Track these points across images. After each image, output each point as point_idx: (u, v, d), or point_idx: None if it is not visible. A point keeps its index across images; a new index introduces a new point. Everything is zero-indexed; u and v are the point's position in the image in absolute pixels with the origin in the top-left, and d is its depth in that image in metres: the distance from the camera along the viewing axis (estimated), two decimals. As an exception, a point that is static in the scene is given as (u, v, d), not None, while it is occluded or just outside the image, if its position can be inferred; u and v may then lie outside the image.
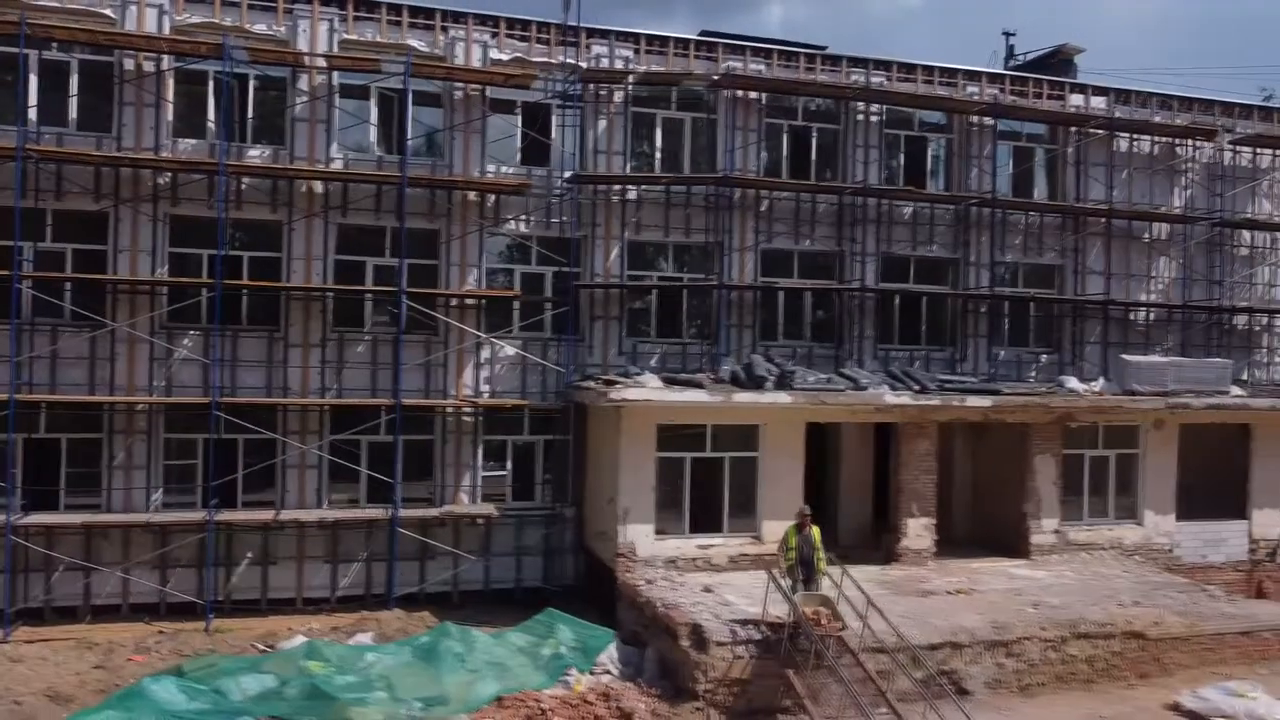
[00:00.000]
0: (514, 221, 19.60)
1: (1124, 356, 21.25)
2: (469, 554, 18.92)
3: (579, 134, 19.85)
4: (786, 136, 21.46)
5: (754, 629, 14.19)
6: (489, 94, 19.47)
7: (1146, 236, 23.52)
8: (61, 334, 17.40)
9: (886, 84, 21.64)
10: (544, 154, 19.87)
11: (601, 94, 19.98)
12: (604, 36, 20.05)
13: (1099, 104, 23.16)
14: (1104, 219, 22.90)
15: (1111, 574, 18.86)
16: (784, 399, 17.64)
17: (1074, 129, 22.86)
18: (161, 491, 18.04)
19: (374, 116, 19.13)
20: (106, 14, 17.55)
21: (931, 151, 22.42)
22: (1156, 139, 23.53)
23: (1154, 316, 23.61)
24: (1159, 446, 20.69)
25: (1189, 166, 23.86)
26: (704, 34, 21.46)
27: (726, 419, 18.13)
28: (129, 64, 17.72)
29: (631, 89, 20.23)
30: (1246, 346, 24.43)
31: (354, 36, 18.70)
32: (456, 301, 19.17)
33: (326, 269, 18.63)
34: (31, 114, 17.13)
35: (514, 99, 19.66)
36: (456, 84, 19.10)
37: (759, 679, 13.73)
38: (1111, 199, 22.93)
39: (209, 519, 17.16)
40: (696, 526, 18.17)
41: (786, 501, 18.26)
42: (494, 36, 19.45)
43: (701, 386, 17.85)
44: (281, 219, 18.41)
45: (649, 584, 16.47)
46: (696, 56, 20.56)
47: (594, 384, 18.22)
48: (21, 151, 16.38)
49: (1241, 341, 24.37)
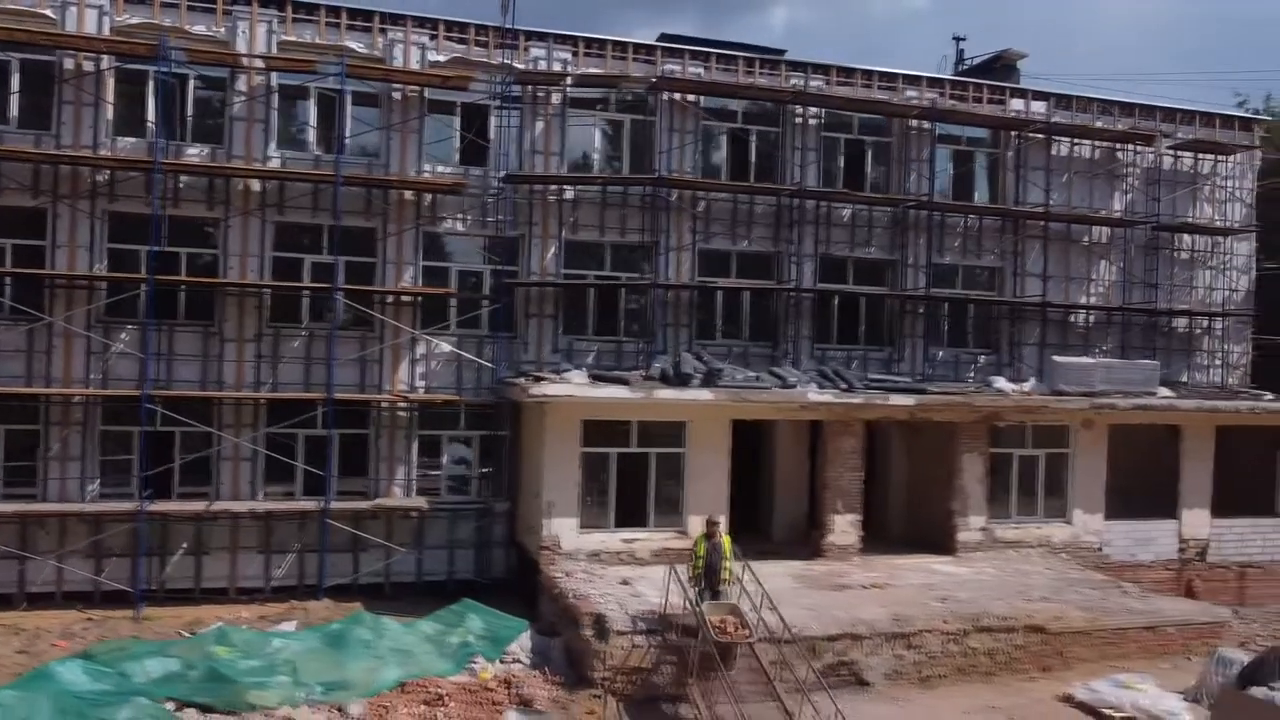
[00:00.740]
0: (451, 220, 19.96)
1: (1054, 358, 21.57)
2: (399, 547, 19.25)
3: (518, 135, 20.21)
4: (726, 139, 21.80)
5: (657, 620, 14.52)
6: (428, 95, 19.84)
7: (1086, 240, 23.83)
8: (-1, 327, 17.83)
9: (825, 88, 21.99)
10: (483, 154, 20.22)
11: (539, 95, 20.33)
12: (542, 39, 20.40)
13: (1040, 109, 23.48)
14: (1042, 222, 23.21)
15: (1033, 571, 19.16)
16: (705, 395, 17.99)
17: (1014, 133, 23.17)
18: (98, 482, 18.41)
19: (313, 117, 19.50)
20: (47, 14, 17.94)
21: (870, 155, 22.73)
22: (1097, 144, 23.83)
23: (1093, 319, 23.92)
24: (1088, 446, 20.99)
25: (1129, 171, 24.16)
26: (664, 37, 21.95)
27: (652, 415, 18.47)
28: (69, 64, 18.10)
29: (570, 91, 20.59)
30: (1187, 349, 24.72)
31: (293, 38, 19.08)
32: (392, 298, 19.53)
33: (263, 266, 19.00)
34: (-29, 112, 17.56)
35: (453, 100, 20.03)
36: (395, 85, 19.46)
37: (657, 668, 14.06)
38: (1049, 202, 23.25)
39: (140, 509, 17.52)
40: (622, 521, 18.50)
41: (712, 497, 18.66)
42: (432, 38, 19.82)
43: (626, 383, 18.20)
44: (219, 216, 18.78)
45: (567, 576, 16.82)
46: (635, 59, 20.90)
47: (522, 380, 18.57)
48: (-42, 148, 16.80)
49: (1181, 344, 24.68)
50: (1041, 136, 23.23)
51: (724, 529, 15.33)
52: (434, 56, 19.76)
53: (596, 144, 21.12)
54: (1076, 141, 23.71)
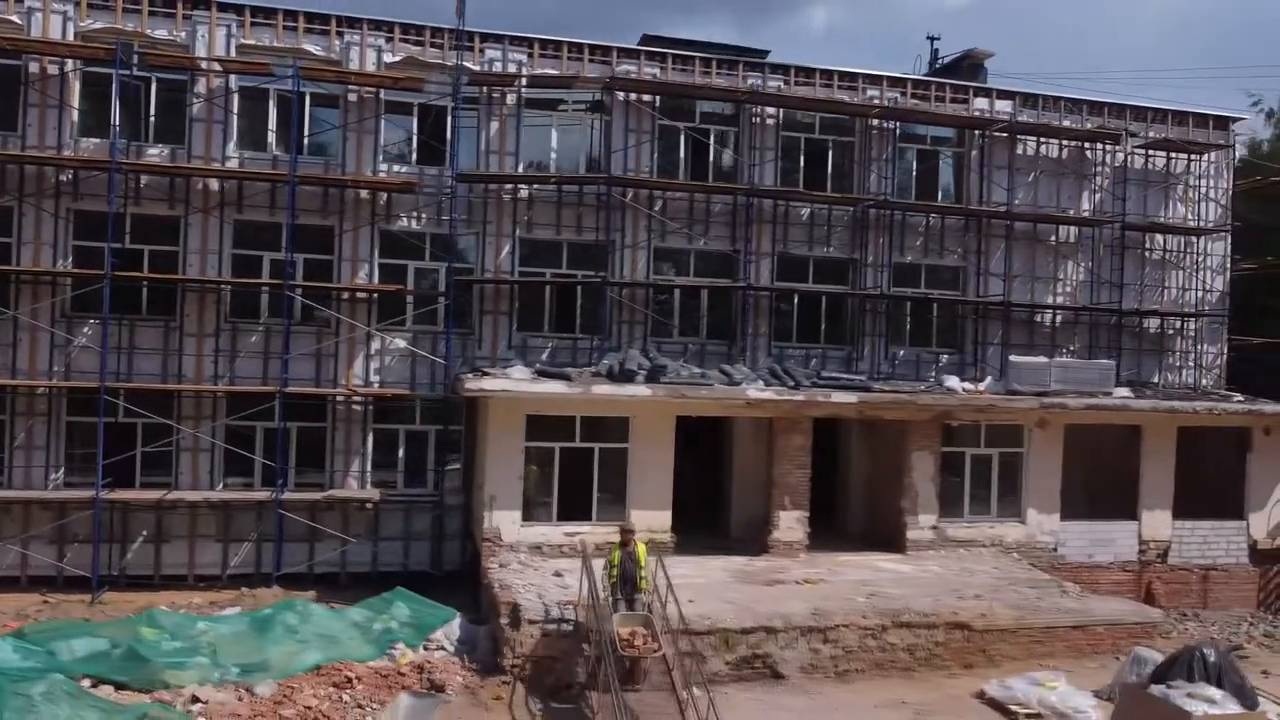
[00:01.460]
0: (406, 219, 20.40)
1: (1011, 358, 21.52)
2: (351, 538, 19.70)
3: (474, 135, 20.60)
4: (684, 138, 22.02)
5: (572, 610, 14.81)
6: (387, 96, 20.31)
7: (1053, 239, 23.73)
8: (-34, 321, 18.54)
9: (785, 88, 22.14)
10: (440, 154, 20.62)
11: (494, 96, 20.70)
12: (498, 41, 20.78)
13: (1005, 108, 23.43)
14: (1008, 221, 23.16)
15: (978, 570, 19.15)
16: (644, 391, 18.23)
17: (978, 132, 23.15)
18: (63, 471, 19.08)
19: (272, 118, 20.02)
20: (13, 20, 18.64)
21: (832, 154, 22.83)
22: (1064, 143, 23.73)
23: (1059, 319, 23.82)
24: (1043, 446, 20.92)
25: (1099, 171, 24.02)
26: (645, 39, 22.44)
27: (595, 410, 18.74)
28: (34, 68, 18.78)
29: (527, 92, 20.94)
30: (1158, 350, 24.51)
31: (251, 41, 19.63)
32: (348, 295, 20.01)
33: (222, 262, 19.57)
34: (-59, 114, 18.29)
35: (410, 101, 20.47)
36: (350, 86, 19.94)
37: (566, 657, 14.33)
38: (1012, 202, 23.20)
39: (97, 496, 18.14)
40: (565, 514, 18.77)
41: (656, 492, 18.94)
42: (388, 41, 20.28)
43: (568, 379, 18.51)
44: (179, 214, 19.37)
45: (500, 567, 17.16)
46: (591, 60, 21.20)
47: (469, 375, 18.94)
48: (-75, 149, 17.52)
49: (1153, 345, 24.47)
50: (1005, 135, 23.17)
51: (644, 535, 15.73)
52: (389, 58, 20.23)
53: (553, 144, 21.45)
54: (1044, 141, 23.63)
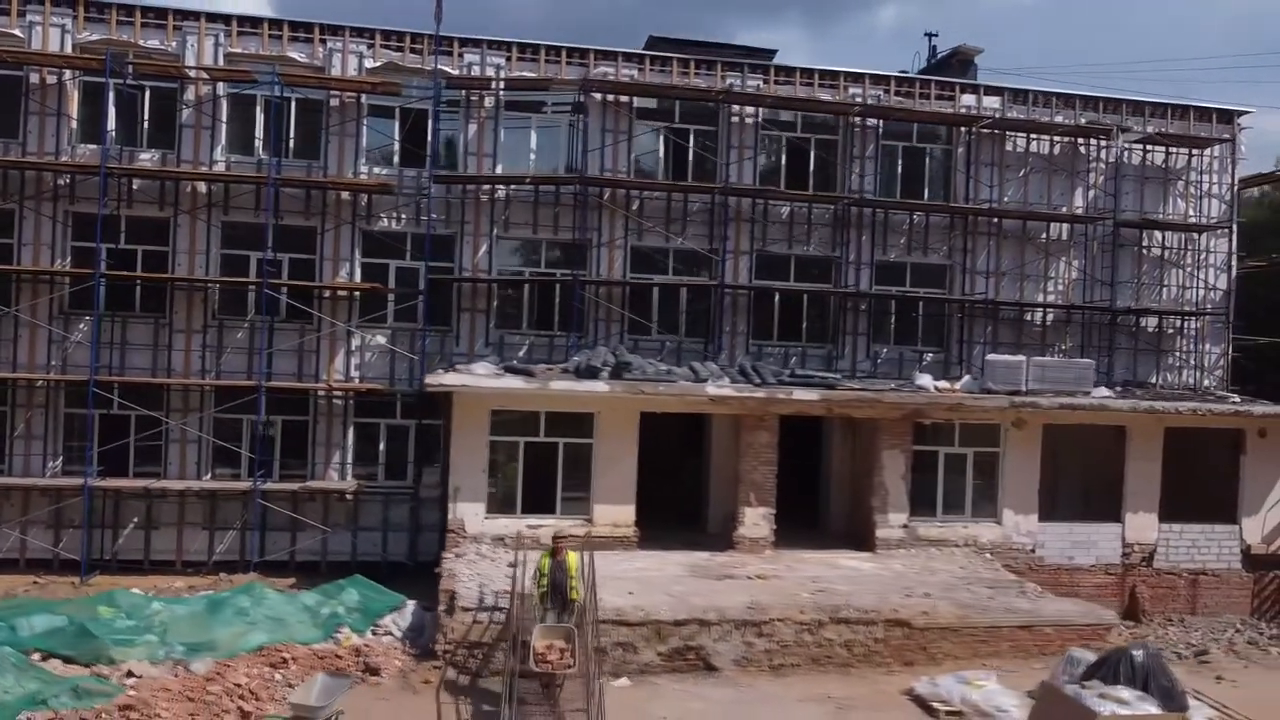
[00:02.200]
0: (387, 219, 21.04)
1: (987, 356, 21.32)
2: (326, 528, 20.38)
3: (453, 137, 21.17)
4: (663, 138, 22.28)
5: (506, 599, 15.21)
6: (370, 100, 20.99)
7: (1043, 237, 23.41)
8: (-30, 318, 19.71)
9: (764, 87, 22.25)
10: (421, 156, 21.21)
11: (473, 99, 21.23)
12: (476, 45, 21.30)
13: (993, 104, 23.19)
14: (995, 219, 22.94)
15: (943, 568, 19.06)
16: (602, 387, 18.55)
17: (964, 129, 22.96)
18: (61, 460, 20.14)
19: (259, 122, 20.82)
20: (15, 34, 19.74)
21: (814, 152, 22.85)
22: (1056, 139, 23.39)
23: (1052, 318, 23.48)
24: (1020, 446, 20.67)
25: (1093, 167, 23.61)
26: (651, 40, 23.06)
27: (559, 406, 19.12)
28: (34, 78, 19.86)
29: (506, 95, 21.43)
30: (1156, 349, 23.99)
31: (238, 50, 20.47)
32: (329, 293, 20.72)
33: (210, 262, 20.44)
34: (-52, 123, 19.48)
35: (392, 105, 21.11)
36: (333, 92, 20.64)
37: (496, 644, 14.73)
38: (1001, 199, 23.01)
39: (86, 484, 19.12)
40: (529, 507, 19.20)
41: (620, 487, 19.28)
42: (369, 47, 20.95)
43: (533, 375, 18.93)
44: (169, 216, 20.29)
45: (458, 557, 17.65)
46: (569, 63, 21.59)
47: (440, 372, 19.49)
48: (-70, 156, 18.69)
49: (1151, 344, 23.97)
50: (994, 132, 22.94)
51: (578, 544, 15.23)
52: (370, 64, 20.90)
53: (532, 145, 21.90)
54: (1035, 137, 23.32)
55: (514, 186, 21.34)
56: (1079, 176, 23.56)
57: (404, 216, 21.01)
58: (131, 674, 13.32)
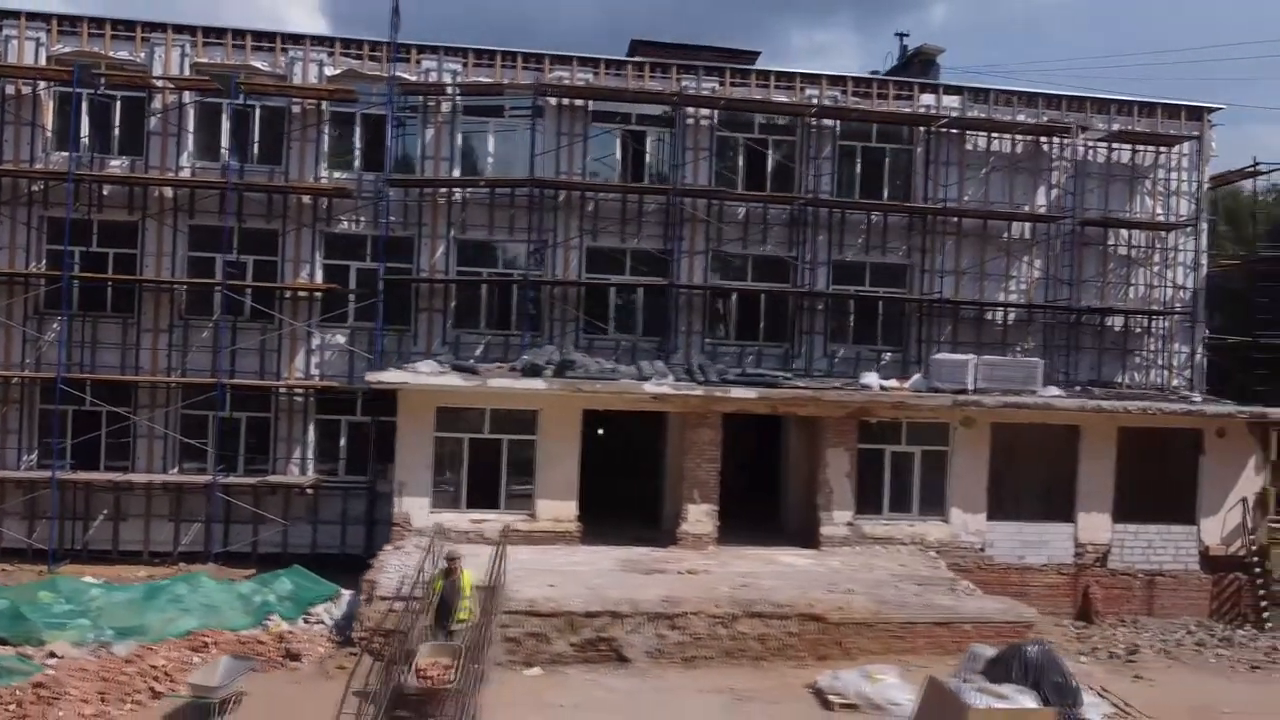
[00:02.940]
0: (347, 222, 21.68)
1: (933, 355, 21.36)
2: (293, 521, 21.08)
3: (410, 141, 21.77)
4: (619, 140, 22.66)
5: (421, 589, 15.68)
6: (331, 107, 21.65)
7: (1005, 236, 23.36)
8: (-53, 318, 20.73)
9: (720, 89, 22.52)
10: (382, 160, 21.81)
11: (430, 105, 21.79)
12: (434, 52, 21.87)
13: (953, 103, 23.20)
14: (954, 218, 22.96)
15: (882, 566, 19.16)
16: (539, 385, 18.98)
17: (922, 129, 23.01)
18: (36, 454, 21.07)
19: (225, 129, 21.57)
20: (-8, 48, 20.76)
21: (772, 154, 23.05)
22: (1018, 138, 23.33)
23: (1014, 317, 23.43)
24: (968, 445, 20.67)
25: (1056, 165, 23.50)
26: (634, 44, 23.72)
27: (503, 404, 19.58)
28: (10, 89, 20.82)
29: (465, 100, 21.96)
30: (1122, 349, 23.80)
31: (204, 60, 21.25)
32: (290, 294, 21.41)
33: (176, 264, 21.24)
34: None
35: (352, 111, 21.75)
36: (294, 99, 21.33)
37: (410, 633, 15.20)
38: (961, 198, 23.00)
39: (54, 477, 20.01)
40: (473, 502, 19.67)
41: (563, 483, 19.69)
42: (330, 55, 21.62)
43: (475, 373, 19.41)
44: (137, 220, 21.14)
45: (396, 549, 18.18)
46: (524, 68, 22.07)
47: (381, 370, 20.06)
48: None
49: (1117, 344, 23.79)
50: (954, 131, 22.96)
51: (465, 564, 14.63)
52: (331, 71, 21.56)
53: (489, 148, 22.41)
54: (996, 136, 23.29)
55: (470, 190, 21.85)
56: (1042, 175, 23.46)
57: (363, 219, 21.63)
58: (54, 655, 14.02)
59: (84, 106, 20.96)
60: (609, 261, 22.52)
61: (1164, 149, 23.75)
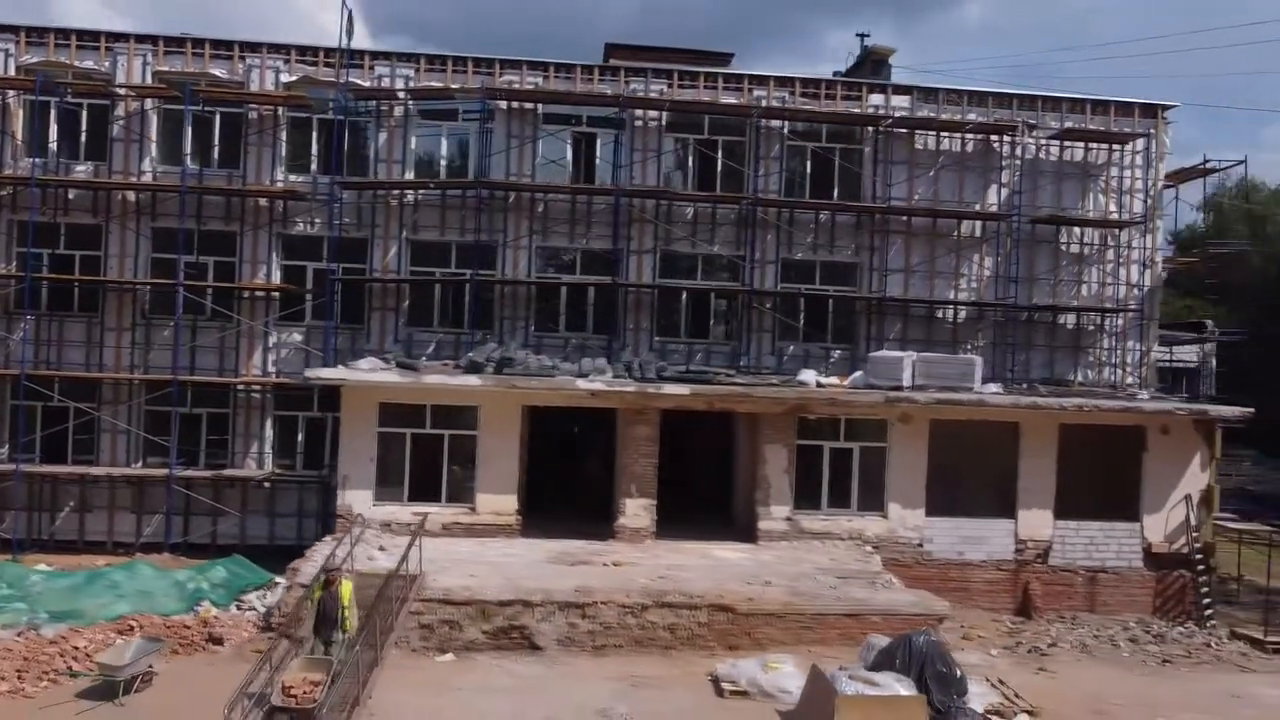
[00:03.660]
0: (303, 224, 22.35)
1: (871, 353, 21.57)
2: (246, 513, 21.79)
3: (364, 144, 22.40)
4: (570, 142, 23.12)
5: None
6: (290, 112, 22.33)
7: (955, 234, 23.50)
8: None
9: (667, 91, 22.91)
10: (338, 164, 22.43)
11: (383, 109, 22.41)
12: (386, 58, 22.50)
13: (902, 103, 23.39)
14: (903, 216, 23.15)
15: (812, 559, 19.43)
16: (474, 382, 19.49)
17: (870, 129, 23.23)
18: (6, 448, 21.95)
19: (187, 135, 22.32)
20: (-37, 60, 21.70)
21: (721, 154, 23.39)
22: (968, 137, 23.46)
23: (965, 315, 23.57)
24: (906, 441, 20.89)
25: (1007, 164, 23.59)
26: (610, 47, 24.38)
27: (444, 400, 20.10)
28: (-19, 99, 21.78)
29: (419, 104, 22.55)
30: (1074, 347, 23.84)
31: (165, 68, 22.04)
32: (248, 294, 22.12)
33: (139, 265, 22.03)
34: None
35: (308, 116, 22.42)
36: (251, 105, 22.05)
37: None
38: (910, 197, 23.19)
39: (17, 469, 20.87)
40: (416, 495, 20.21)
41: (503, 477, 20.22)
42: (286, 62, 22.30)
43: (416, 370, 19.98)
44: (101, 223, 21.97)
45: (335, 540, 18.74)
46: (475, 72, 22.60)
47: (335, 368, 20.68)
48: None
49: (1069, 341, 23.84)
50: (903, 131, 23.16)
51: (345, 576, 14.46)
52: (287, 78, 22.24)
53: (442, 151, 22.98)
54: (946, 135, 23.44)
55: (423, 192, 22.43)
56: (993, 174, 23.57)
57: (318, 221, 22.28)
58: (-19, 635, 14.77)
59: (51, 114, 21.81)
60: (559, 261, 22.99)
61: (1117, 147, 23.74)
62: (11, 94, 21.78)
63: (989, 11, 79.37)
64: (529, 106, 22.60)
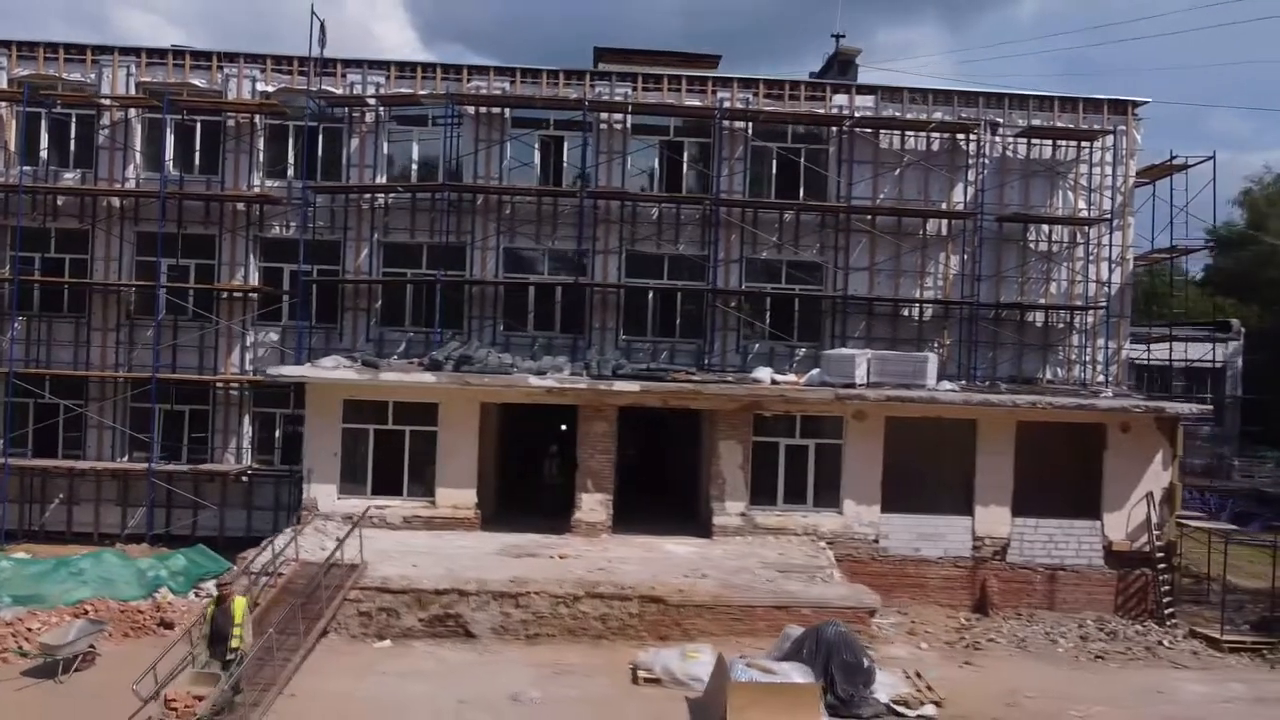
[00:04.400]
0: (279, 227, 23.15)
1: (825, 351, 21.77)
2: (225, 506, 22.65)
3: (336, 150, 23.16)
4: (538, 145, 23.66)
5: (289, 566, 16.92)
6: (268, 120, 23.16)
7: (921, 233, 23.61)
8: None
9: (632, 94, 23.33)
10: (314, 169, 23.19)
11: (355, 115, 23.13)
12: (358, 66, 23.22)
13: (867, 103, 23.56)
14: (868, 215, 23.33)
15: (761, 554, 19.64)
16: (429, 379, 20.08)
17: (834, 129, 23.44)
18: (2, 442, 23.04)
19: (169, 143, 23.24)
20: (-42, 74, 22.85)
21: (687, 155, 23.77)
22: (934, 135, 23.56)
23: (931, 313, 23.67)
24: (861, 438, 21.03)
25: (973, 162, 23.64)
26: (599, 50, 24.74)
27: (405, 397, 20.70)
28: (-25, 110, 22.91)
29: (392, 110, 23.24)
30: (1043, 345, 23.82)
31: (147, 79, 22.98)
32: (227, 295, 22.98)
33: (125, 268, 23.00)
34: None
35: (285, 123, 23.22)
36: (228, 113, 22.91)
37: (273, 606, 16.40)
38: (875, 196, 23.35)
39: (5, 463, 21.92)
40: (379, 489, 20.84)
41: (462, 472, 20.77)
42: (262, 72, 23.12)
43: (376, 368, 20.63)
44: (88, 228, 22.97)
45: (295, 532, 19.43)
46: (444, 79, 23.23)
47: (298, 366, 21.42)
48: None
49: (1039, 339, 23.82)
50: (868, 131, 23.33)
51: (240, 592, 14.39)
52: (263, 87, 23.05)
53: (414, 156, 23.64)
54: (912, 134, 23.56)
55: (394, 195, 23.11)
56: (959, 172, 23.64)
57: (293, 225, 23.06)
58: (-59, 617, 15.66)
59: (42, 124, 22.87)
60: (526, 262, 23.53)
61: (1085, 144, 23.67)
62: (4, 106, 22.86)
63: (1046, 6, 78.69)
64: (495, 111, 23.16)
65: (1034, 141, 23.66)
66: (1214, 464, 38.78)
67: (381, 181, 23.18)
